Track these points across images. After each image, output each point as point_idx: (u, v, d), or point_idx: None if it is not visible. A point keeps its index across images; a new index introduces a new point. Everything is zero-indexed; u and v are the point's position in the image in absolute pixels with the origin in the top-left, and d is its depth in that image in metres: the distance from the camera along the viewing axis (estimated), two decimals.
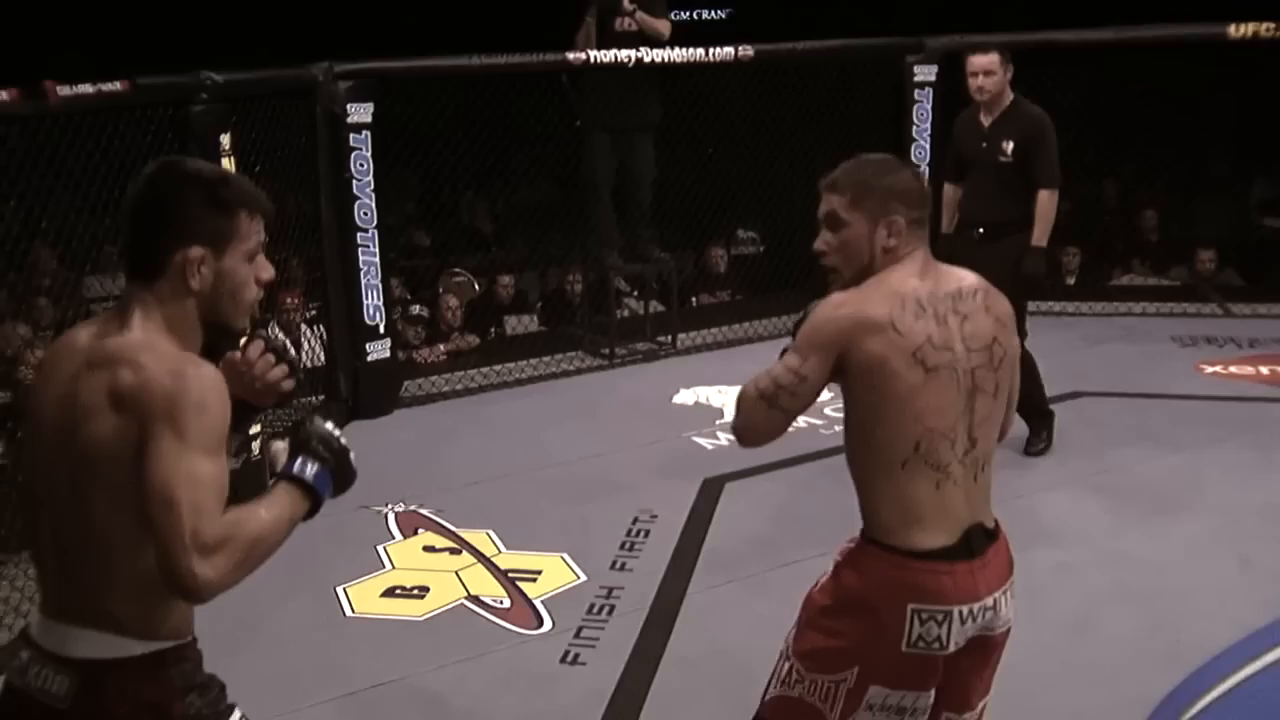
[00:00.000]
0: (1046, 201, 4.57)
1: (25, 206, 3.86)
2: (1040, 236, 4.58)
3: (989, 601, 2.07)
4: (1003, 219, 4.61)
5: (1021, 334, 4.74)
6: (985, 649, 2.12)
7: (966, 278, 2.11)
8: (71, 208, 4.02)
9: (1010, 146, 4.60)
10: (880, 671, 2.05)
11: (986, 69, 4.61)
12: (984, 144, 4.67)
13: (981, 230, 4.66)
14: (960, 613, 2.04)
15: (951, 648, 2.05)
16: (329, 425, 1.79)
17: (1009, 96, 4.67)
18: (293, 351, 1.89)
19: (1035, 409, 4.79)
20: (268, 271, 1.76)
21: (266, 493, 1.72)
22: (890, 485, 2.04)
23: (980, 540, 2.08)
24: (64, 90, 3.71)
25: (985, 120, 4.69)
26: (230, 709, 1.82)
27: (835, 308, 2.05)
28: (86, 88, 3.80)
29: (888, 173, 2.08)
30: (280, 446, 1.82)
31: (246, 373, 1.84)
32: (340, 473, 1.78)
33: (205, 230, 1.68)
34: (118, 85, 3.93)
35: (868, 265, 2.05)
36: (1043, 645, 3.39)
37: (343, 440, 1.78)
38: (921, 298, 2.02)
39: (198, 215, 1.68)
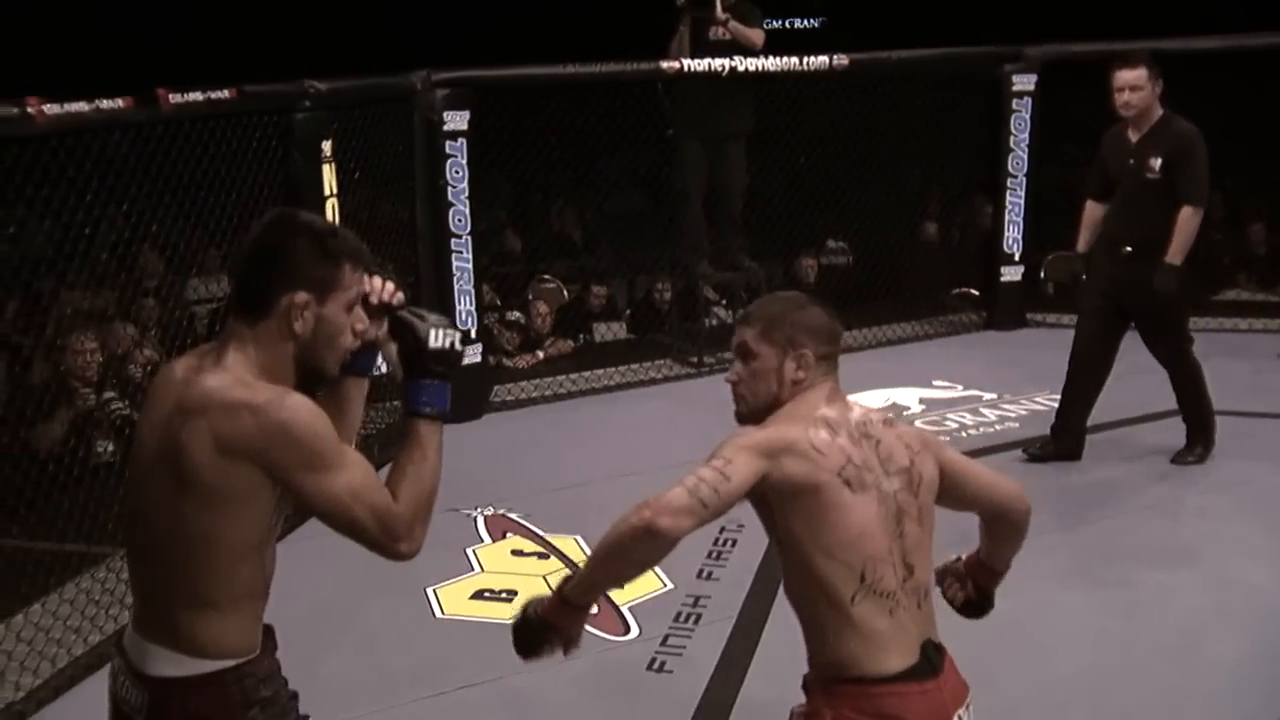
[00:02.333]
0: (1188, 218, 4.45)
1: (136, 210, 3.98)
2: (1176, 253, 4.45)
3: None
4: (1151, 237, 4.48)
5: (1181, 343, 4.65)
6: None
7: (872, 408, 2.14)
8: (180, 212, 4.14)
9: (1158, 163, 4.48)
10: None
11: (1133, 84, 4.48)
12: (1131, 160, 4.55)
13: (1130, 249, 4.56)
14: None
15: None
16: (443, 338, 1.85)
17: (1158, 111, 4.54)
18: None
19: (1197, 419, 4.71)
20: (362, 323, 1.84)
21: (406, 436, 1.84)
22: (845, 622, 1.98)
23: (936, 655, 2.05)
24: (175, 98, 3.82)
25: (1133, 136, 4.57)
26: None
27: (752, 431, 2.03)
28: (196, 95, 3.91)
29: (798, 309, 2.08)
30: (394, 351, 1.88)
31: (375, 301, 1.89)
32: (454, 379, 1.89)
33: (312, 277, 1.78)
34: (226, 93, 4.04)
35: (775, 397, 2.05)
36: (1141, 669, 3.32)
37: (456, 344, 1.86)
38: (830, 419, 2.01)
39: (306, 263, 1.78)
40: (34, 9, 10.99)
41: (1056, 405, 4.89)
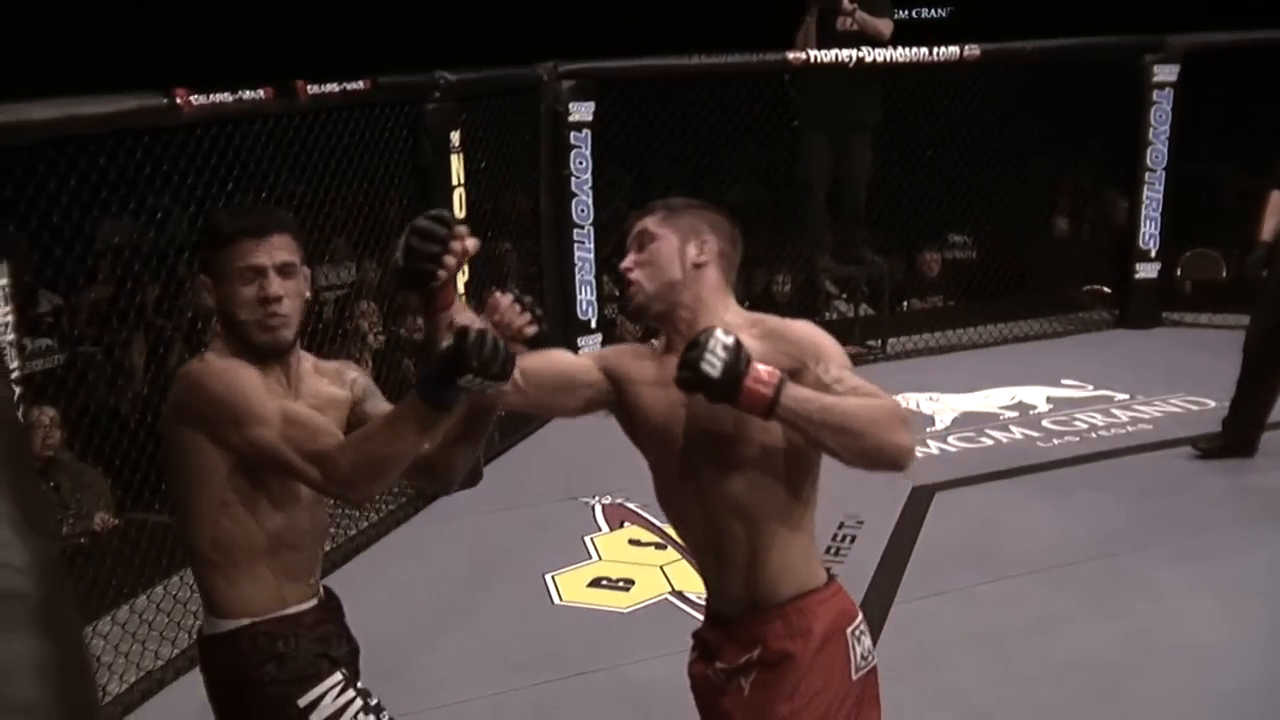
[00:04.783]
0: None
1: (273, 199, 4.09)
2: None
3: None
4: None
5: None
6: None
7: None
8: (313, 200, 4.24)
9: None
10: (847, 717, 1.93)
11: None
12: None
13: None
14: (862, 616, 2.01)
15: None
16: (473, 382, 1.78)
17: None
18: (539, 310, 2.00)
19: None
20: (268, 291, 1.93)
21: (401, 404, 1.90)
22: (810, 523, 1.97)
23: None
24: (312, 89, 3.92)
25: None
26: (314, 677, 1.97)
27: (819, 335, 1.93)
28: (332, 86, 4.00)
29: (702, 207, 2.03)
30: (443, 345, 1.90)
31: (496, 319, 1.95)
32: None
33: (206, 260, 2.00)
34: (360, 84, 4.13)
35: (677, 281, 1.94)
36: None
37: (483, 386, 1.79)
38: None
39: (203, 248, 2.02)
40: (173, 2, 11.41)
41: (1218, 403, 4.72)
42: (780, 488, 1.91)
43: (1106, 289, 6.99)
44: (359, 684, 2.03)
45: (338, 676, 1.98)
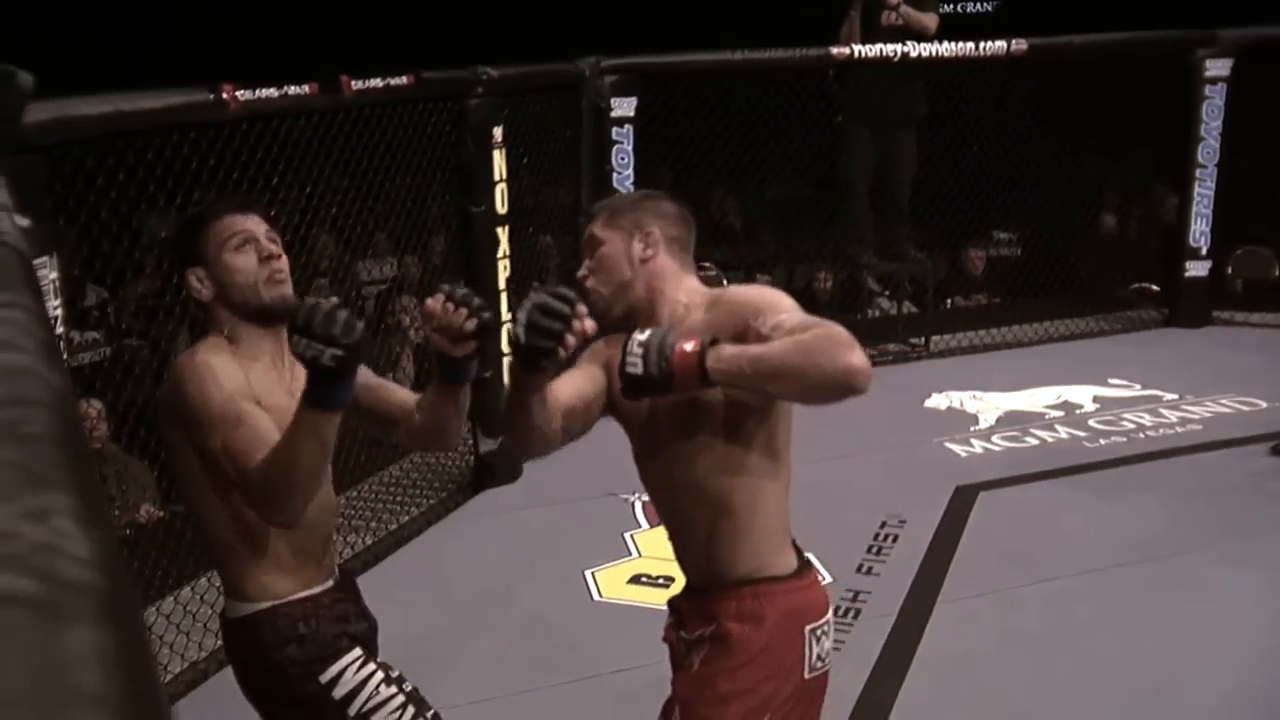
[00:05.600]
0: None
1: (317, 193, 4.11)
2: None
3: None
4: None
5: None
6: None
7: None
8: (358, 196, 4.26)
9: None
10: (787, 713, 1.92)
11: None
12: None
13: None
14: (831, 619, 2.01)
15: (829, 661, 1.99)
16: (305, 348, 1.71)
17: None
18: (477, 298, 1.92)
19: None
20: (266, 250, 1.99)
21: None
22: (781, 502, 1.97)
23: None
24: (356, 84, 3.93)
25: None
26: (333, 655, 1.99)
27: (755, 286, 2.02)
28: (376, 82, 4.02)
29: (644, 198, 2.07)
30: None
31: (435, 325, 1.92)
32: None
33: (191, 252, 2.02)
34: (404, 80, 4.14)
35: (629, 280, 1.97)
36: None
37: (320, 358, 1.71)
38: None
39: (184, 244, 2.04)
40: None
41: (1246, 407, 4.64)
42: (741, 467, 1.94)
43: (1155, 287, 6.90)
44: (378, 659, 2.06)
45: (357, 652, 2.02)
